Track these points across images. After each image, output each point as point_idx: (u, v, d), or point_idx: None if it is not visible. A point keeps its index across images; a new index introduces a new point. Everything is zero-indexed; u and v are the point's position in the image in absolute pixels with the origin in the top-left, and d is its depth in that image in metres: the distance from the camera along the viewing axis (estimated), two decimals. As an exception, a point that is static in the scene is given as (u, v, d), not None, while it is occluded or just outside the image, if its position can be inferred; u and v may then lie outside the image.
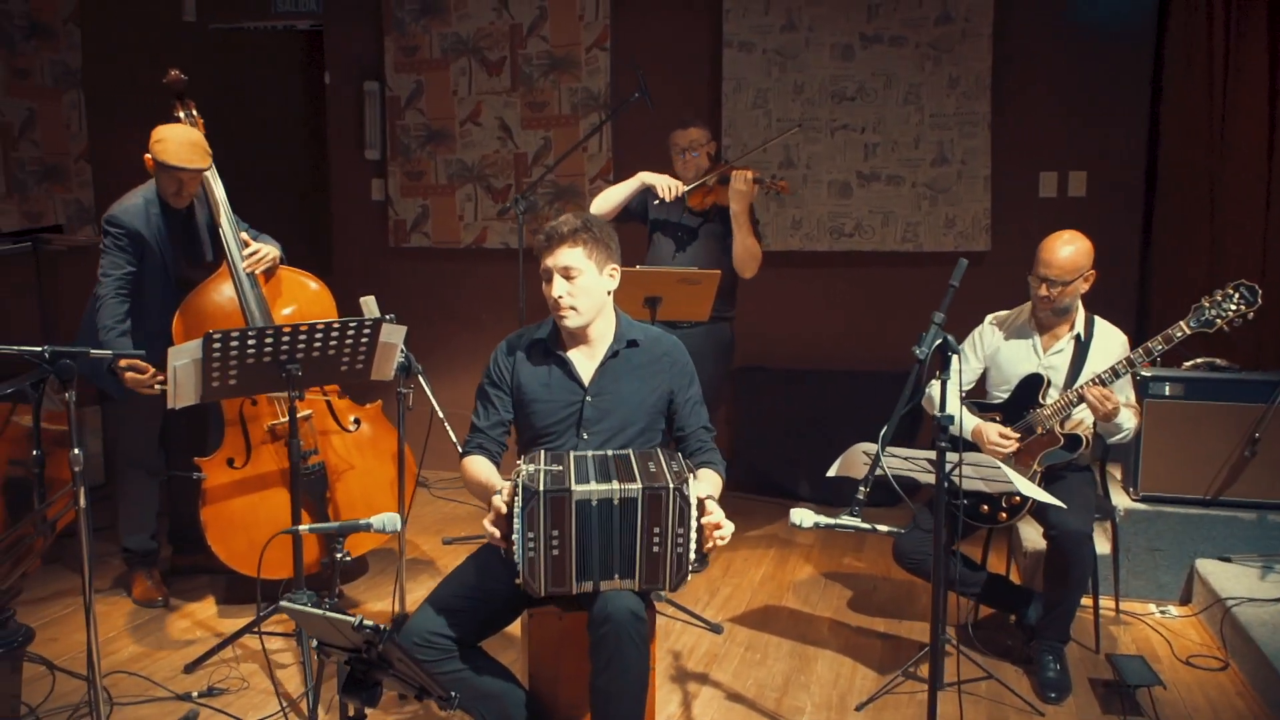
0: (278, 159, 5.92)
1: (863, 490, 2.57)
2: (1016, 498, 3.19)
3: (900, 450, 2.81)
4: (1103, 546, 3.81)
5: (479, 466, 2.62)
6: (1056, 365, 3.34)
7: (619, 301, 3.64)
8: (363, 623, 1.79)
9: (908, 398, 2.53)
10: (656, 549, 2.32)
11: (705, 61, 5.09)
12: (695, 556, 2.35)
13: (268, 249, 3.66)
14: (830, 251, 5.03)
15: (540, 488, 2.23)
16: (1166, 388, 3.83)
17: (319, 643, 1.96)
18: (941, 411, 2.46)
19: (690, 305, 3.74)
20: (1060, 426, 3.25)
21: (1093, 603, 3.46)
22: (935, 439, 2.48)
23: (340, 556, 2.40)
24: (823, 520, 2.46)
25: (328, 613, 1.82)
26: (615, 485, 2.28)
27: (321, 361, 3.10)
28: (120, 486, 3.88)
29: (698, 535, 2.35)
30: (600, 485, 2.28)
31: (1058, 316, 3.35)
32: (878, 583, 4.09)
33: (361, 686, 1.91)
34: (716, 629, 3.62)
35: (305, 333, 3.01)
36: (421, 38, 5.32)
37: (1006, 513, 3.27)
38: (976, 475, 2.95)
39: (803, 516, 2.46)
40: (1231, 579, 3.57)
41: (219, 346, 2.89)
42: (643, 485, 2.29)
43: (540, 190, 5.29)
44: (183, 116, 3.67)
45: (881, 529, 2.47)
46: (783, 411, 5.07)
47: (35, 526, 2.48)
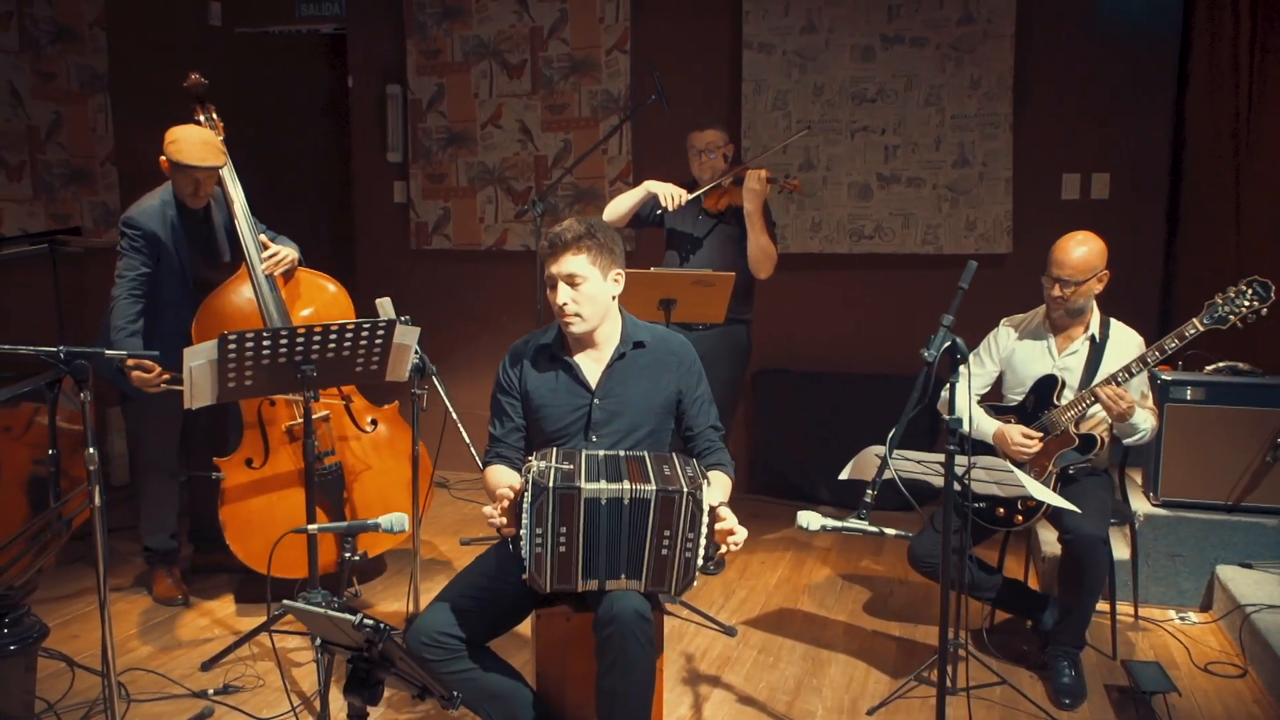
0: (301, 162, 5.98)
1: (870, 493, 2.56)
2: (1031, 501, 3.16)
3: (912, 454, 2.79)
4: (1121, 552, 3.77)
5: (500, 475, 2.63)
6: (1071, 366, 3.31)
7: (633, 304, 3.67)
8: (363, 621, 1.81)
9: (915, 400, 2.52)
10: (665, 552, 2.32)
11: (725, 63, 5.08)
12: (704, 562, 2.35)
13: (286, 251, 3.70)
14: (850, 254, 5.01)
15: (550, 484, 2.24)
16: (1188, 391, 3.78)
17: (322, 641, 1.98)
18: (951, 414, 2.44)
19: (705, 307, 3.74)
20: (1075, 427, 3.22)
21: (1110, 608, 3.41)
22: (945, 442, 2.47)
23: (349, 556, 2.42)
24: (830, 523, 2.45)
25: (329, 611, 1.84)
26: (626, 485, 2.28)
27: (336, 362, 3.13)
28: (141, 486, 3.93)
29: (707, 541, 2.35)
30: (611, 485, 2.28)
31: (1072, 317, 3.32)
32: (894, 586, 4.06)
33: (364, 685, 1.92)
34: (730, 631, 3.61)
35: (319, 334, 3.04)
36: (443, 41, 5.36)
37: (1022, 516, 3.24)
38: (989, 479, 2.93)
39: (810, 519, 2.46)
40: (1252, 585, 3.51)
41: (234, 347, 2.92)
42: (657, 488, 2.29)
43: (560, 193, 5.31)
44: (203, 120, 3.72)
45: (889, 532, 2.46)
46: (802, 414, 5.05)
47: (50, 524, 2.52)
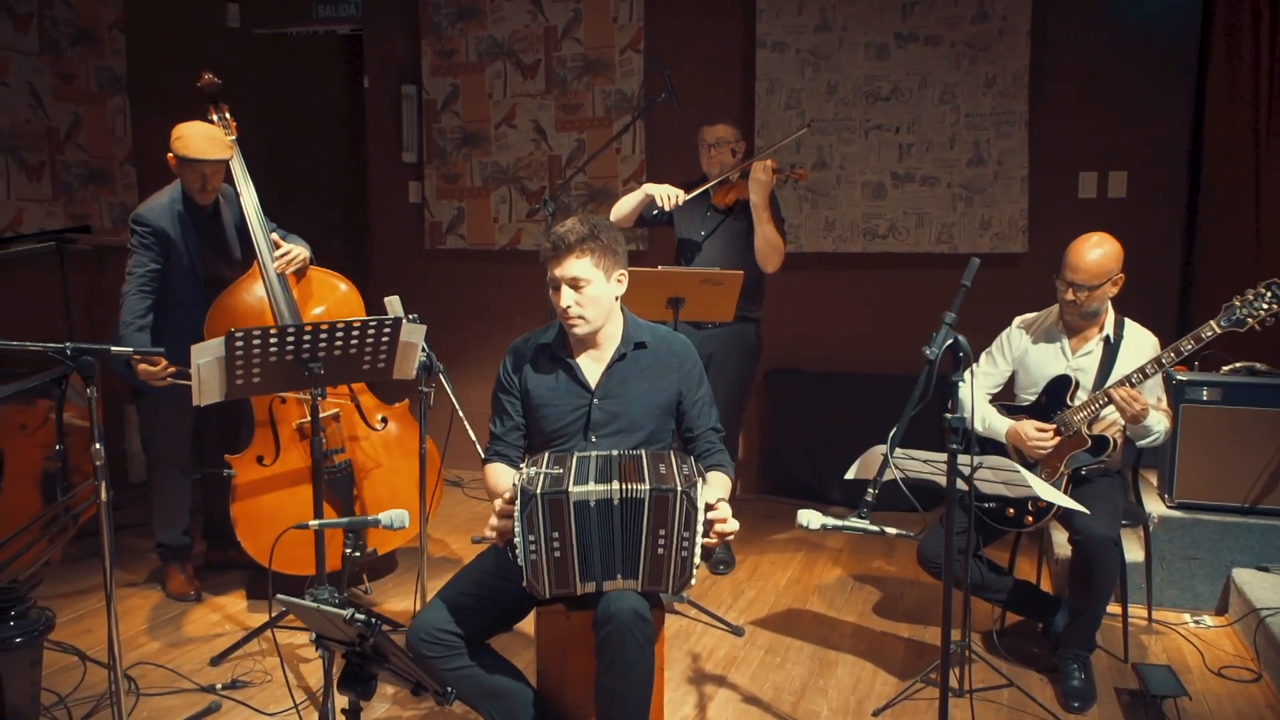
0: (318, 162, 6.02)
1: (871, 492, 2.54)
2: (1042, 502, 3.12)
3: (919, 453, 2.77)
4: (1135, 554, 3.73)
5: (498, 474, 2.64)
6: (1085, 367, 3.28)
7: (641, 302, 3.67)
8: (354, 616, 1.81)
9: (917, 399, 2.50)
10: (661, 551, 2.31)
11: (738, 62, 5.07)
12: (701, 561, 2.34)
13: (298, 250, 3.72)
14: (863, 253, 4.98)
15: (538, 490, 2.24)
16: (1204, 392, 3.73)
17: (318, 636, 1.99)
18: (953, 413, 2.42)
19: (713, 306, 3.73)
20: (1088, 428, 3.19)
21: (1122, 611, 3.37)
22: (948, 441, 2.44)
23: (351, 552, 2.43)
24: (830, 521, 2.43)
25: (322, 606, 1.85)
26: (615, 485, 2.28)
27: (343, 360, 3.14)
28: (153, 483, 3.97)
29: (704, 540, 2.33)
30: (598, 485, 2.27)
31: (1086, 319, 3.28)
32: (906, 587, 4.03)
33: (357, 679, 1.93)
34: (738, 631, 3.60)
35: (326, 331, 3.05)
36: (457, 41, 5.38)
37: (1032, 517, 3.20)
38: (996, 479, 2.90)
39: (810, 518, 2.44)
40: (1268, 589, 3.46)
41: (241, 345, 2.94)
42: (651, 486, 2.29)
43: (574, 192, 5.31)
44: (216, 119, 3.74)
45: (890, 531, 2.44)
46: (815, 414, 5.03)
47: (57, 517, 2.55)
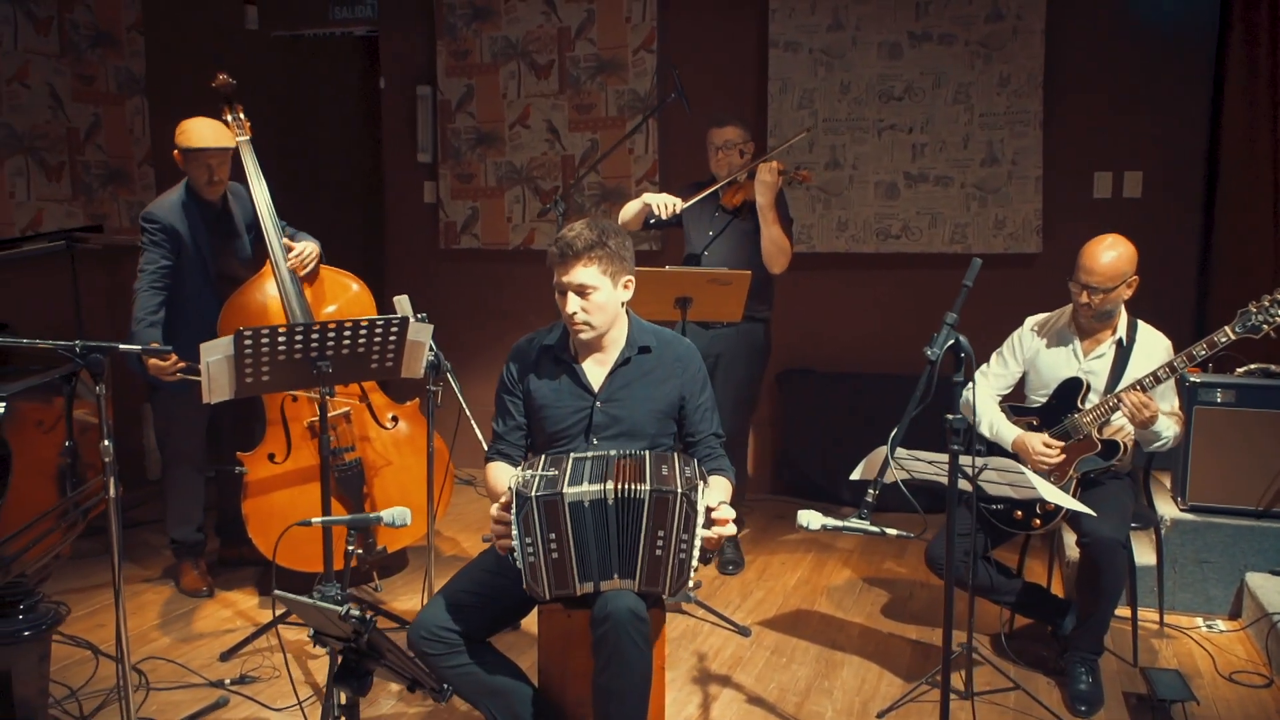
0: (334, 162, 6.06)
1: (872, 493, 2.53)
2: (1050, 504, 3.10)
3: (924, 454, 2.76)
4: (1147, 557, 3.70)
5: (497, 474, 2.65)
6: (1097, 370, 3.25)
7: (649, 302, 3.68)
8: (349, 612, 1.83)
9: (917, 399, 2.49)
10: (659, 552, 2.31)
11: (751, 62, 5.06)
12: (699, 564, 2.33)
13: (310, 247, 3.76)
14: (876, 253, 4.96)
15: (533, 493, 2.24)
16: (1218, 394, 3.69)
17: (315, 632, 2.01)
18: (957, 415, 2.41)
19: (721, 306, 3.72)
20: (1098, 432, 3.16)
21: (1131, 614, 3.35)
22: (949, 442, 2.44)
23: (353, 549, 2.45)
24: (830, 522, 2.43)
25: (317, 603, 1.87)
26: (610, 485, 2.28)
27: (351, 359, 3.16)
28: (168, 480, 4.01)
29: (702, 544, 2.33)
30: (593, 486, 2.28)
31: (1099, 322, 3.26)
32: (915, 589, 4.02)
33: (353, 675, 1.95)
34: (744, 632, 3.59)
35: (334, 330, 3.07)
36: (472, 42, 5.40)
37: (1041, 519, 3.18)
38: (1002, 481, 2.89)
39: (810, 518, 2.44)
40: (1283, 594, 3.42)
41: (250, 343, 2.97)
42: (652, 487, 2.29)
43: (587, 192, 5.33)
44: (230, 120, 3.77)
45: (890, 532, 2.43)
46: (828, 414, 5.01)
47: (67, 512, 2.58)
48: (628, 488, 2.29)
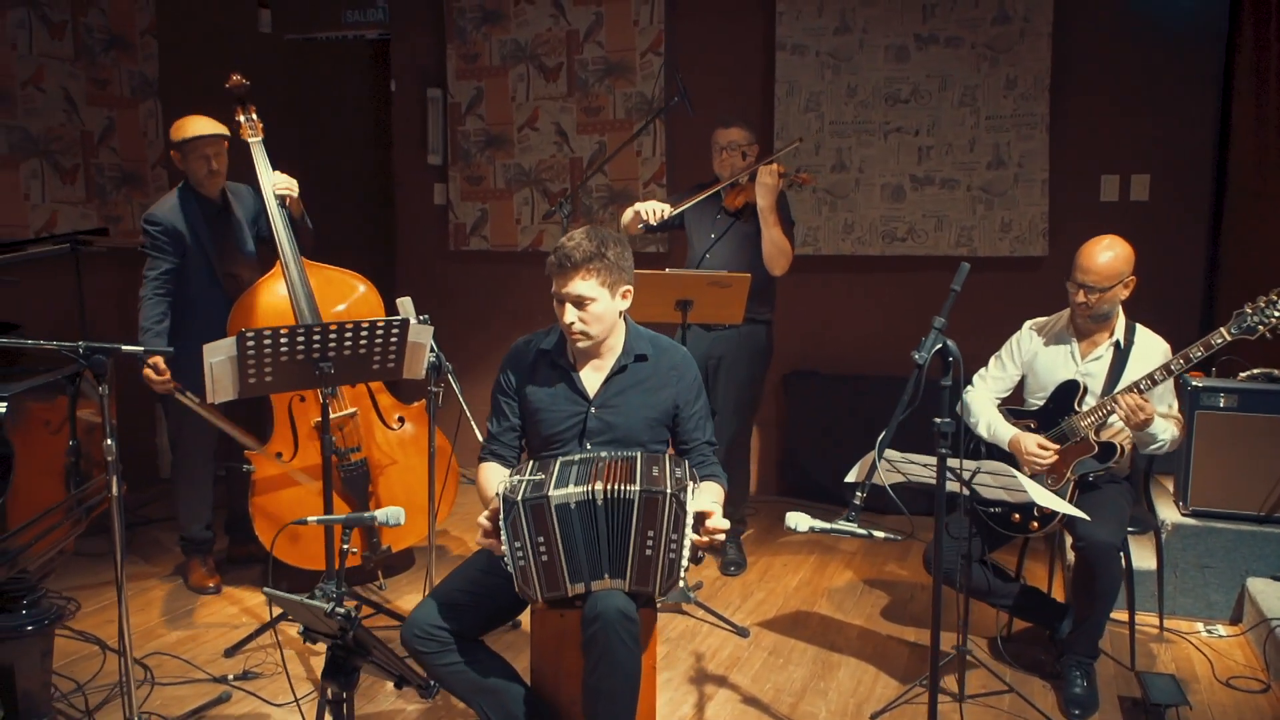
0: (346, 164, 6.11)
1: (859, 495, 2.55)
2: (1047, 508, 3.11)
3: (919, 457, 2.78)
4: (1147, 561, 3.69)
5: (488, 475, 2.67)
6: (1094, 372, 3.25)
7: (650, 305, 3.71)
8: (335, 609, 1.86)
9: (905, 403, 2.50)
10: (649, 552, 2.33)
11: (758, 65, 5.08)
12: (687, 564, 2.36)
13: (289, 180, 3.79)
14: (882, 256, 4.96)
15: (519, 498, 2.28)
16: (1220, 399, 3.67)
17: (305, 628, 2.05)
18: (945, 419, 2.42)
19: (722, 308, 3.74)
20: (1095, 434, 3.16)
21: (1128, 618, 3.34)
22: (936, 445, 2.45)
23: (348, 548, 2.48)
24: (818, 524, 2.45)
25: (304, 600, 1.90)
26: (598, 485, 2.31)
27: (353, 360, 3.20)
28: (178, 478, 4.07)
29: (692, 544, 2.36)
30: (578, 487, 2.31)
31: (1097, 323, 3.26)
32: (916, 591, 4.02)
33: (340, 671, 1.98)
34: (743, 632, 3.61)
35: (335, 332, 3.12)
36: (482, 45, 5.44)
37: (1039, 522, 3.19)
38: (996, 484, 2.90)
39: (798, 520, 2.46)
40: (1283, 599, 3.41)
41: (253, 344, 3.02)
42: (641, 488, 2.32)
43: (595, 194, 5.36)
44: (243, 121, 3.82)
45: (878, 534, 2.44)
46: (832, 416, 5.02)
47: (71, 509, 2.64)
48: (617, 488, 2.32)
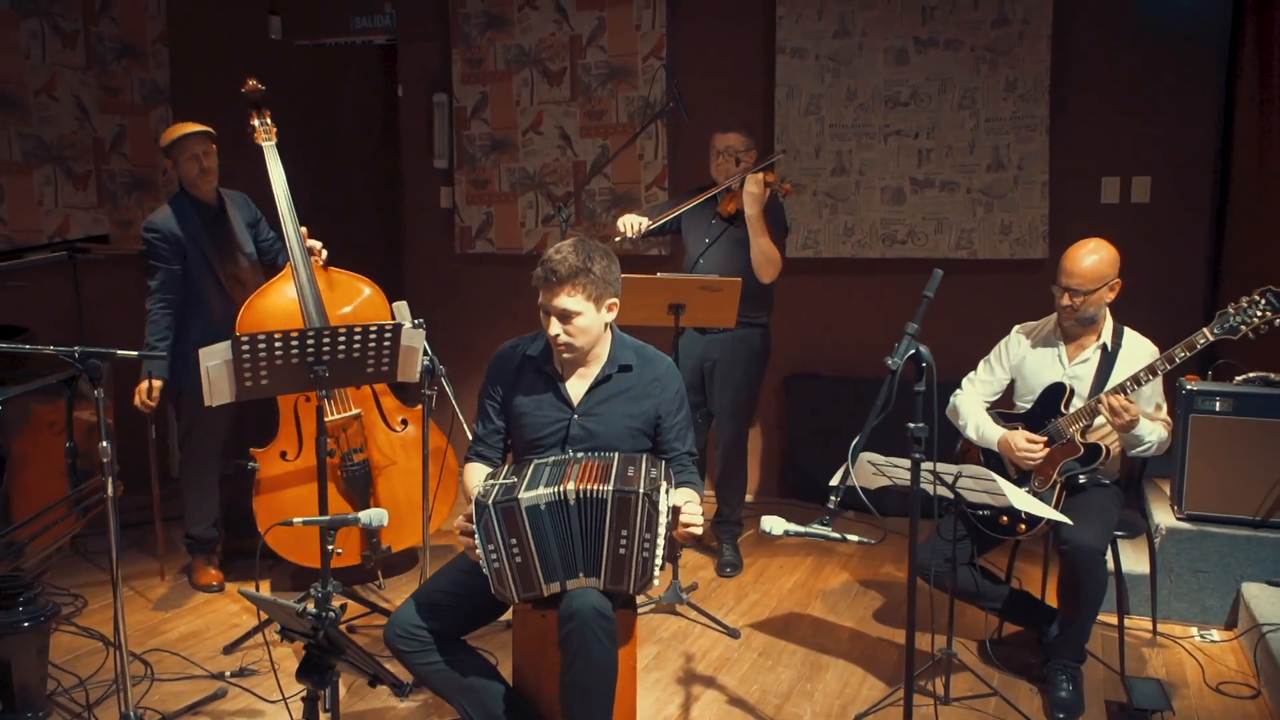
0: (355, 167, 6.20)
1: (833, 500, 2.58)
2: (1033, 510, 3.12)
3: (902, 461, 2.80)
4: (1141, 565, 3.69)
5: (472, 475, 2.72)
6: (1081, 375, 3.26)
7: (643, 309, 3.75)
8: (306, 610, 1.92)
9: (879, 408, 2.53)
10: (623, 551, 2.38)
11: (759, 68, 5.10)
12: (661, 563, 2.39)
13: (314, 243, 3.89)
14: (882, 258, 4.97)
15: (490, 501, 2.33)
16: (1216, 403, 3.66)
17: (282, 628, 2.10)
18: (919, 424, 2.45)
19: (714, 312, 3.77)
20: (1081, 436, 3.17)
21: (1118, 622, 3.34)
22: (910, 449, 2.47)
23: (331, 548, 2.54)
24: (792, 528, 2.48)
25: (278, 599, 1.96)
26: (570, 486, 2.35)
27: (347, 363, 3.26)
28: (186, 477, 4.14)
29: (665, 544, 2.40)
30: (547, 489, 2.35)
31: (1083, 326, 3.26)
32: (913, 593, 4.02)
33: (315, 669, 2.03)
34: (734, 633, 3.64)
35: (329, 336, 3.18)
36: (486, 50, 5.50)
37: (1026, 524, 3.19)
38: (978, 488, 2.91)
39: (773, 524, 2.49)
40: (1276, 604, 3.39)
41: (248, 348, 3.08)
42: (615, 488, 2.36)
43: (599, 197, 5.40)
44: (258, 125, 3.89)
45: (851, 538, 2.47)
46: (834, 419, 5.03)
47: (69, 507, 2.71)
48: (590, 488, 2.37)
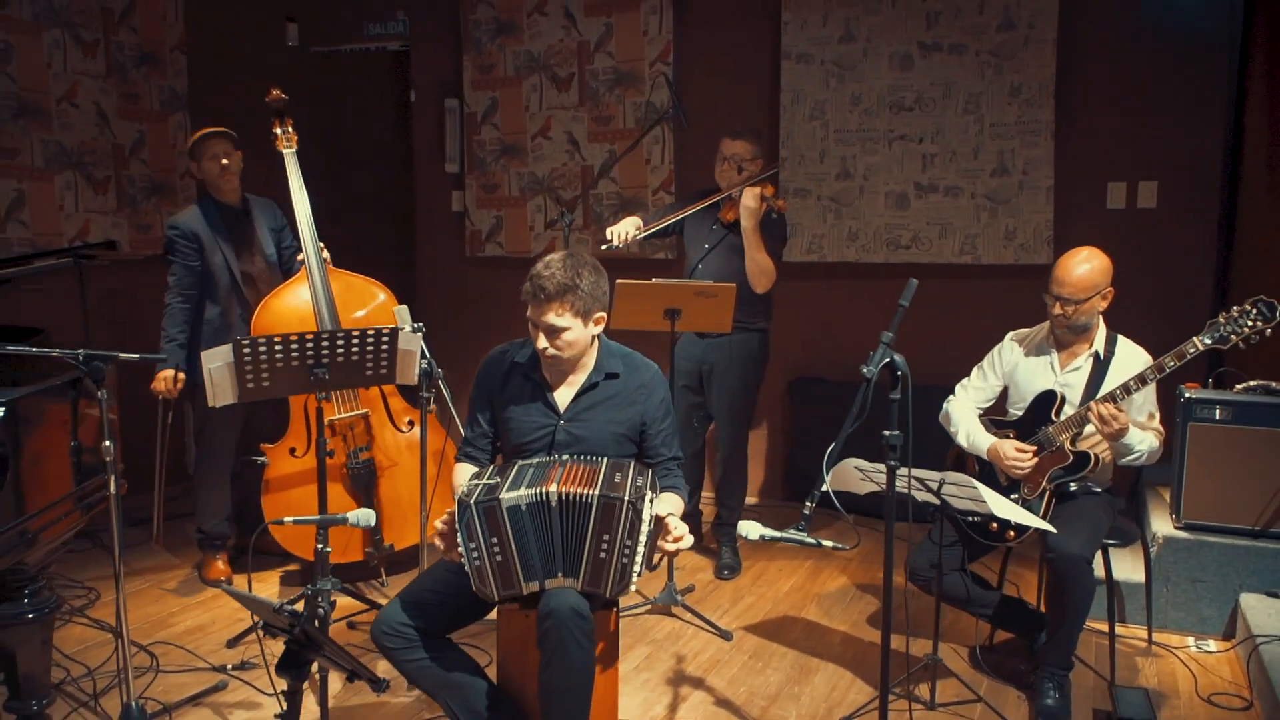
0: (368, 171, 6.28)
1: (809, 505, 2.61)
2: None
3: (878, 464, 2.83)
4: (1139, 574, 3.69)
5: (459, 475, 2.78)
6: (1072, 383, 3.26)
7: (639, 314, 3.80)
8: (282, 606, 1.98)
9: (854, 415, 2.56)
10: (604, 555, 2.43)
11: (765, 74, 5.12)
12: (640, 569, 2.44)
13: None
14: (886, 263, 4.98)
15: (472, 500, 2.38)
16: (1215, 411, 3.65)
17: (264, 623, 2.17)
18: (891, 430, 2.47)
19: (710, 317, 3.81)
20: (1071, 444, 3.18)
21: (1109, 630, 3.34)
22: (885, 457, 2.50)
23: (321, 547, 2.61)
24: (768, 533, 2.51)
25: (257, 596, 2.02)
26: (552, 487, 2.41)
27: (346, 366, 3.33)
28: (200, 473, 4.25)
29: (645, 550, 2.44)
30: (529, 490, 2.41)
31: (1076, 334, 3.27)
32: (909, 598, 4.03)
33: (293, 664, 2.10)
34: (726, 636, 3.68)
35: (328, 340, 3.25)
36: (497, 56, 5.56)
37: (1015, 531, 3.20)
38: (962, 495, 2.93)
39: (749, 529, 2.52)
40: (1273, 615, 3.37)
41: (249, 351, 3.16)
42: (600, 493, 2.41)
43: (606, 202, 5.45)
44: (279, 133, 4.01)
45: (826, 544, 2.51)
46: (837, 422, 4.98)
47: (74, 503, 2.79)
48: (573, 491, 2.42)
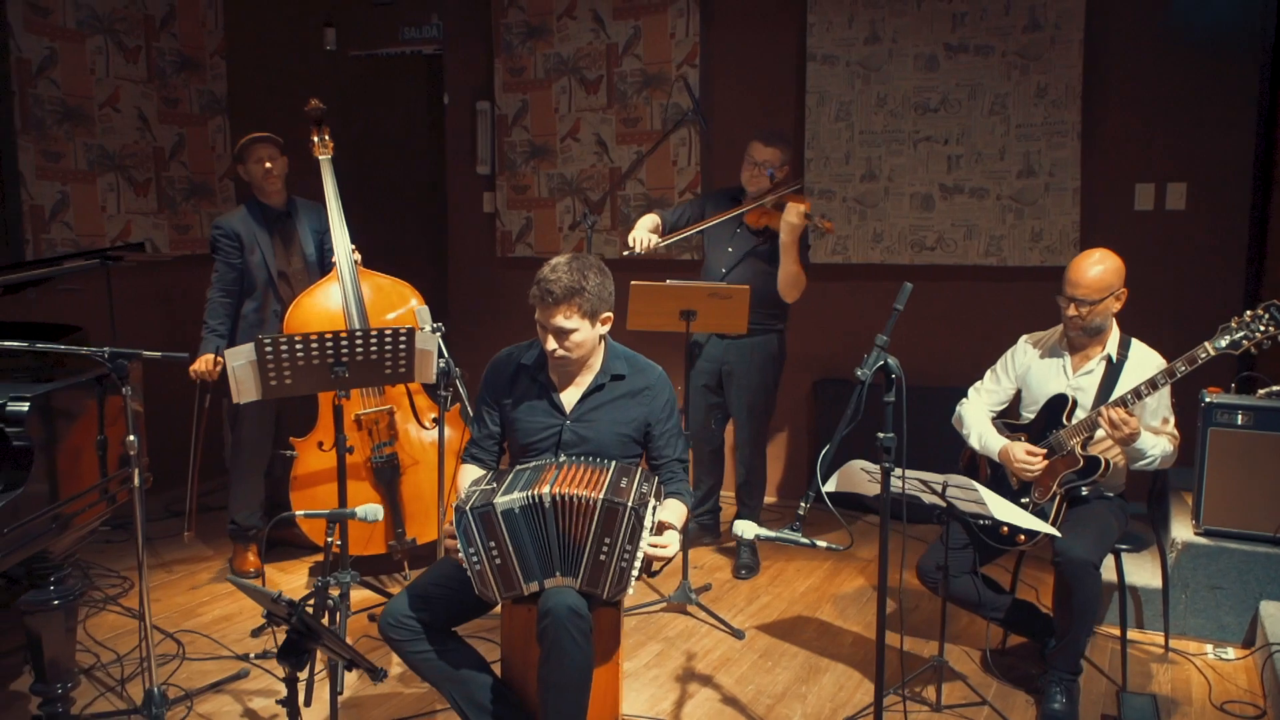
0: (402, 173, 6.40)
1: (803, 506, 2.63)
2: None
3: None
4: (1157, 580, 3.65)
5: (465, 476, 2.85)
6: (1084, 386, 3.24)
7: (655, 315, 3.85)
8: (279, 596, 2.06)
9: (849, 418, 2.58)
10: (603, 558, 2.47)
11: (790, 75, 5.13)
12: (638, 573, 2.48)
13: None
14: (911, 265, 4.97)
15: (468, 506, 2.45)
16: (1239, 416, 3.60)
17: (267, 613, 2.25)
18: (884, 433, 2.49)
19: (725, 319, 3.84)
20: (1082, 448, 3.16)
21: (1121, 636, 3.32)
22: (880, 459, 2.52)
23: (331, 540, 2.69)
24: (763, 532, 2.54)
25: (258, 587, 2.10)
26: (546, 489, 2.46)
27: (365, 365, 3.43)
28: (235, 465, 4.38)
29: (645, 557, 2.49)
30: (521, 493, 2.46)
31: (1089, 337, 3.25)
32: (921, 600, 4.04)
33: (294, 652, 2.18)
34: (738, 634, 3.71)
35: (347, 340, 3.34)
36: (527, 59, 5.64)
37: (1026, 535, 3.19)
38: (966, 498, 2.94)
39: (744, 528, 2.56)
40: (1292, 623, 3.33)
41: (270, 350, 3.26)
42: (604, 497, 2.46)
43: (633, 202, 5.50)
44: (316, 140, 4.15)
45: (820, 544, 2.53)
46: (862, 424, 5.00)
47: (100, 495, 2.91)
48: (574, 493, 2.46)
